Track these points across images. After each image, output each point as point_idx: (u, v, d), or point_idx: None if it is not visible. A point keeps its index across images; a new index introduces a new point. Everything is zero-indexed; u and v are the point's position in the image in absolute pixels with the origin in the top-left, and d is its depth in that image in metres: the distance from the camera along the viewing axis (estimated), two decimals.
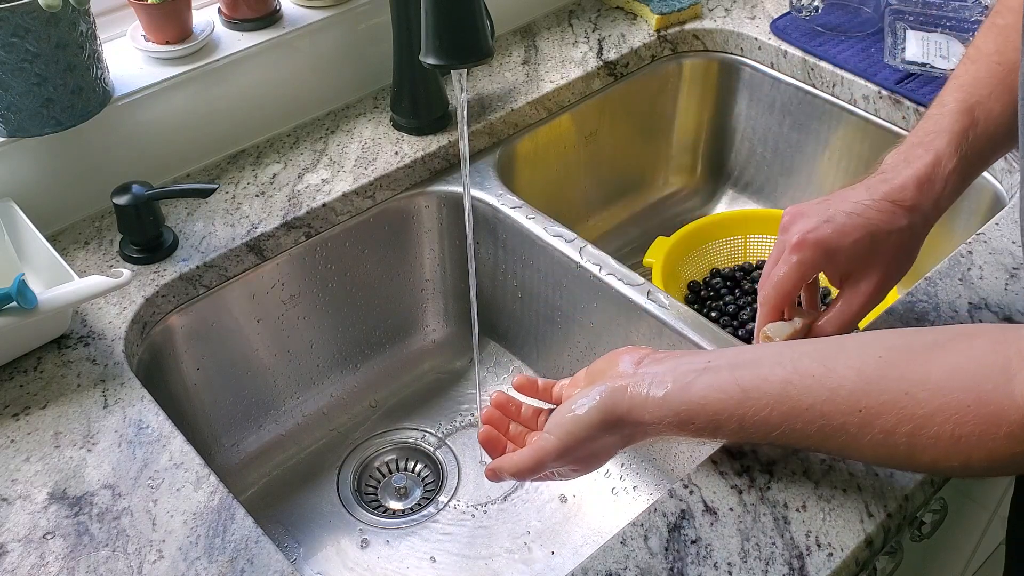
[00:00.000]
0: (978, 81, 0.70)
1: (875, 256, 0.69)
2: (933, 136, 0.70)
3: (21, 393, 0.79)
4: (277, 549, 0.68)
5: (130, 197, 0.88)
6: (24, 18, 0.81)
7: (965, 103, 0.70)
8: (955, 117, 0.70)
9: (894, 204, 0.69)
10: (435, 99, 1.06)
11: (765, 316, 0.72)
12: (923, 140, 0.70)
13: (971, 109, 0.69)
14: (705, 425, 0.62)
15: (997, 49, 0.70)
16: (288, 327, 1.02)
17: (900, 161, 0.70)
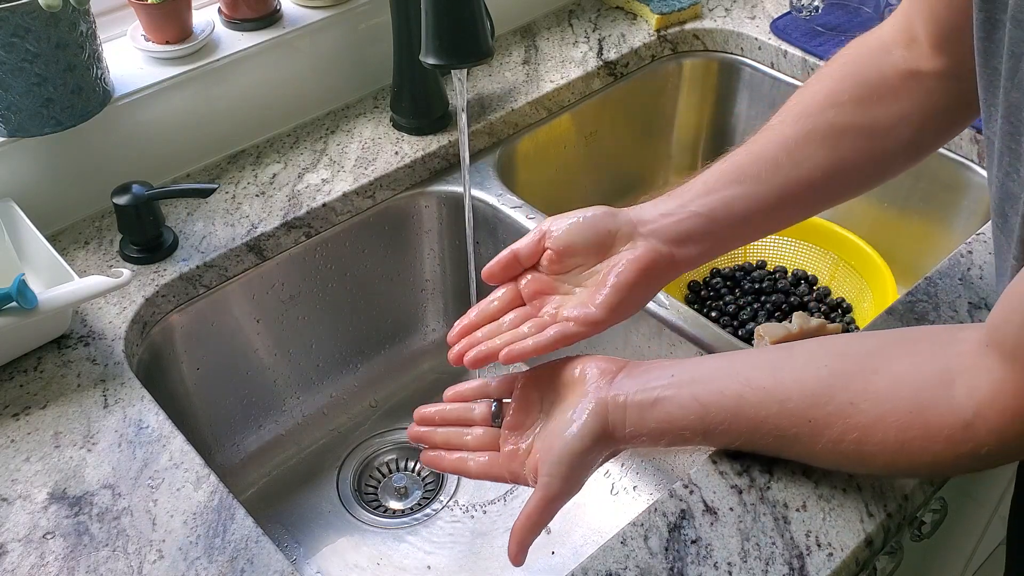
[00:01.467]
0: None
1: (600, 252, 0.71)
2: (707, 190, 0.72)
3: (21, 393, 0.79)
4: (277, 549, 0.68)
5: (130, 197, 0.88)
6: (24, 18, 0.81)
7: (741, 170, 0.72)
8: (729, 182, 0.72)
9: (609, 215, 0.71)
10: (435, 99, 1.06)
11: (491, 267, 0.72)
12: (699, 187, 0.72)
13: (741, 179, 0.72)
14: (674, 440, 0.64)
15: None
16: (288, 327, 1.02)
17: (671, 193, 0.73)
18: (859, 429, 0.58)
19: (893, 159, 0.74)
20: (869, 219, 1.19)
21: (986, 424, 0.54)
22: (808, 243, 1.15)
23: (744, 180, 0.72)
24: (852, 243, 1.11)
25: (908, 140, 0.73)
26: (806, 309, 1.12)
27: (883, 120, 0.71)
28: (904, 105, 0.71)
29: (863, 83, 0.72)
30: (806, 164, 0.71)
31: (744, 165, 0.72)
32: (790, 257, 1.17)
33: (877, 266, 1.07)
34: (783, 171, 0.71)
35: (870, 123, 0.71)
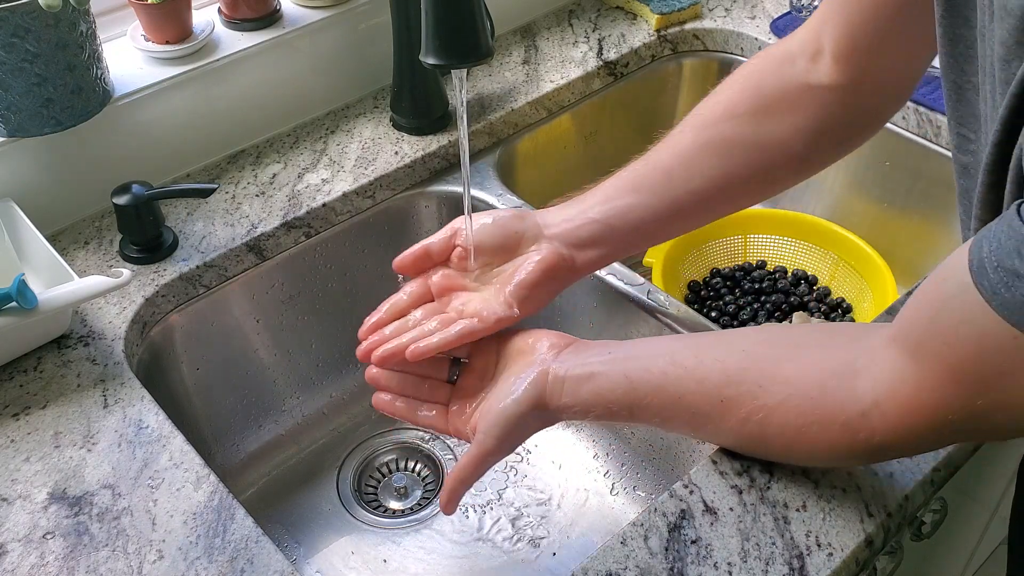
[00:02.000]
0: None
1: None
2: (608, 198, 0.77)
3: (21, 393, 0.79)
4: (277, 549, 0.68)
5: (130, 197, 0.88)
6: (24, 18, 0.81)
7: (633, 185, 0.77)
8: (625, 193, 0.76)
9: (516, 217, 0.76)
10: (435, 99, 1.06)
11: (402, 259, 0.76)
12: (602, 195, 0.77)
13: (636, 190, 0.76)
14: (603, 413, 0.67)
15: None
16: (288, 327, 1.02)
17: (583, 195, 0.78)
18: (764, 411, 0.61)
19: (783, 172, 0.77)
20: (869, 219, 1.19)
21: (882, 415, 0.56)
22: (808, 243, 1.15)
23: (639, 190, 0.76)
24: (852, 243, 1.11)
25: (799, 154, 0.75)
26: (806, 309, 1.12)
27: (776, 133, 0.74)
28: (798, 118, 0.73)
29: (761, 95, 0.74)
30: (697, 176, 0.75)
31: (641, 175, 0.76)
32: (790, 257, 1.17)
33: (877, 266, 1.07)
34: (675, 183, 0.75)
35: (763, 136, 0.74)
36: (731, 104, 0.75)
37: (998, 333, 0.47)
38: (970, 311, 0.48)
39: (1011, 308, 0.46)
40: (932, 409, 0.53)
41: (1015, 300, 0.45)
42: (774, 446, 0.64)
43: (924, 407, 0.54)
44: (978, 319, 0.48)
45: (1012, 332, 0.46)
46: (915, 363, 0.54)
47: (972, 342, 0.50)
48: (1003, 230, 0.46)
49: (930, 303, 0.53)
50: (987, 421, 0.52)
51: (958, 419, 0.53)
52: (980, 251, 0.48)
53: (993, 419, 0.52)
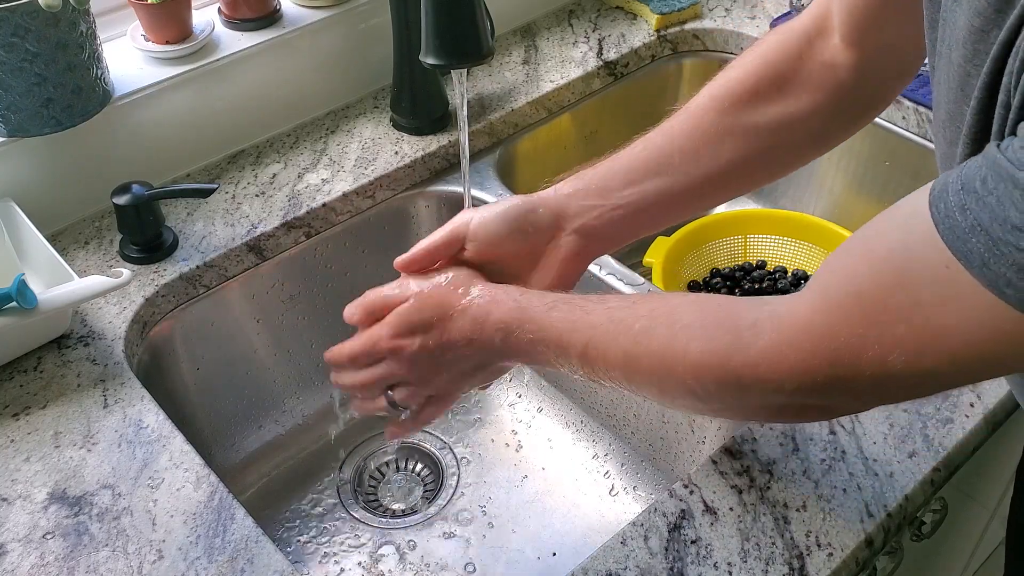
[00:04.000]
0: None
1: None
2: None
3: (21, 393, 0.79)
4: (277, 549, 0.68)
5: (130, 197, 0.88)
6: (24, 18, 0.81)
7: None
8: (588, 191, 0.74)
9: (526, 209, 0.73)
10: (435, 99, 1.06)
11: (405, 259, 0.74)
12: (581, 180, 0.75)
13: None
14: (516, 325, 0.64)
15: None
16: (288, 327, 1.02)
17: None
18: (666, 306, 0.59)
19: (803, 150, 0.77)
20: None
21: (773, 328, 0.53)
22: (808, 243, 1.15)
23: (664, 172, 0.73)
24: None
25: (817, 131, 0.75)
26: None
27: (796, 111, 0.73)
28: (817, 96, 0.73)
29: (780, 73, 0.73)
30: (724, 157, 0.73)
31: (666, 155, 0.74)
32: (790, 257, 1.17)
33: None
34: (702, 164, 0.73)
35: (785, 115, 0.73)
36: (755, 81, 0.73)
37: (929, 260, 0.45)
38: (909, 234, 0.46)
39: (957, 233, 0.43)
40: (823, 332, 0.50)
41: (965, 224, 0.43)
42: (654, 342, 0.59)
43: (816, 327, 0.51)
44: (914, 244, 0.46)
45: (945, 261, 0.44)
46: (824, 286, 0.52)
47: (897, 268, 0.47)
48: (977, 159, 0.44)
49: (868, 231, 0.51)
50: (871, 370, 0.49)
51: (843, 353, 0.49)
52: (947, 177, 0.45)
53: (880, 364, 0.48)
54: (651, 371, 0.60)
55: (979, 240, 0.42)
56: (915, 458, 0.72)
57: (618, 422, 1.01)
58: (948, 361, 0.46)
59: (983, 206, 0.42)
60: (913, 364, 0.48)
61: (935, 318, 0.46)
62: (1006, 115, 0.44)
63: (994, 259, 0.42)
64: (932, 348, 0.46)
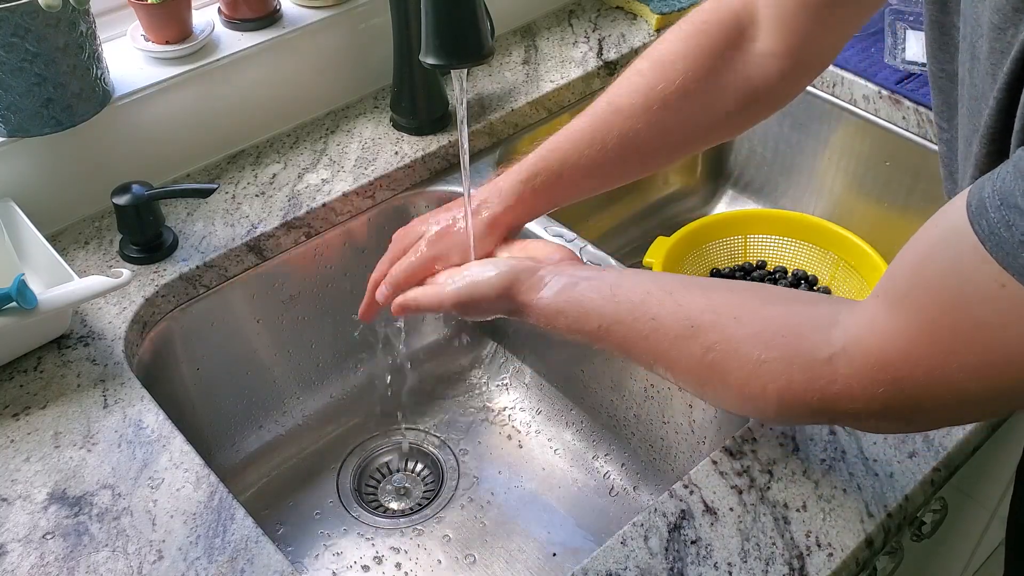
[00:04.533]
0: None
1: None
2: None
3: (21, 393, 0.79)
4: (277, 549, 0.68)
5: (130, 197, 0.88)
6: (24, 18, 0.81)
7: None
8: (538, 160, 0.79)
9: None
10: (435, 99, 1.06)
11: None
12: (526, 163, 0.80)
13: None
14: (574, 320, 0.68)
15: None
16: (288, 327, 1.02)
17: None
18: (733, 341, 0.59)
19: (715, 130, 0.79)
20: (869, 219, 1.19)
21: (848, 362, 0.53)
22: (808, 243, 1.15)
23: (593, 172, 0.78)
24: (852, 243, 1.11)
25: (735, 111, 0.77)
26: None
27: (723, 109, 0.76)
28: (739, 81, 0.75)
29: (711, 73, 0.75)
30: (647, 150, 0.77)
31: (600, 154, 0.77)
32: (790, 257, 1.17)
33: (877, 266, 1.07)
34: (628, 161, 0.78)
35: (709, 101, 0.75)
36: (685, 81, 0.75)
37: (984, 279, 0.44)
38: (958, 256, 0.46)
39: (1006, 249, 0.43)
40: (899, 361, 0.50)
41: (1013, 240, 0.42)
42: (730, 380, 0.60)
43: (891, 359, 0.51)
44: (965, 264, 0.45)
45: (999, 279, 0.43)
46: (892, 313, 0.51)
47: (954, 290, 0.47)
48: (1009, 171, 0.43)
49: (917, 252, 0.51)
50: (949, 394, 0.49)
51: (921, 381, 0.50)
52: (981, 191, 0.45)
53: (956, 388, 0.49)
54: (730, 399, 0.62)
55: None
56: (915, 458, 0.72)
57: (618, 422, 1.01)
58: (1021, 378, 0.46)
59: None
60: (988, 385, 0.48)
61: (1001, 337, 0.46)
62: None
63: None
64: (1003, 367, 0.46)
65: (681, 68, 0.75)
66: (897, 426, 0.58)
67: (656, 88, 0.75)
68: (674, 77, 0.74)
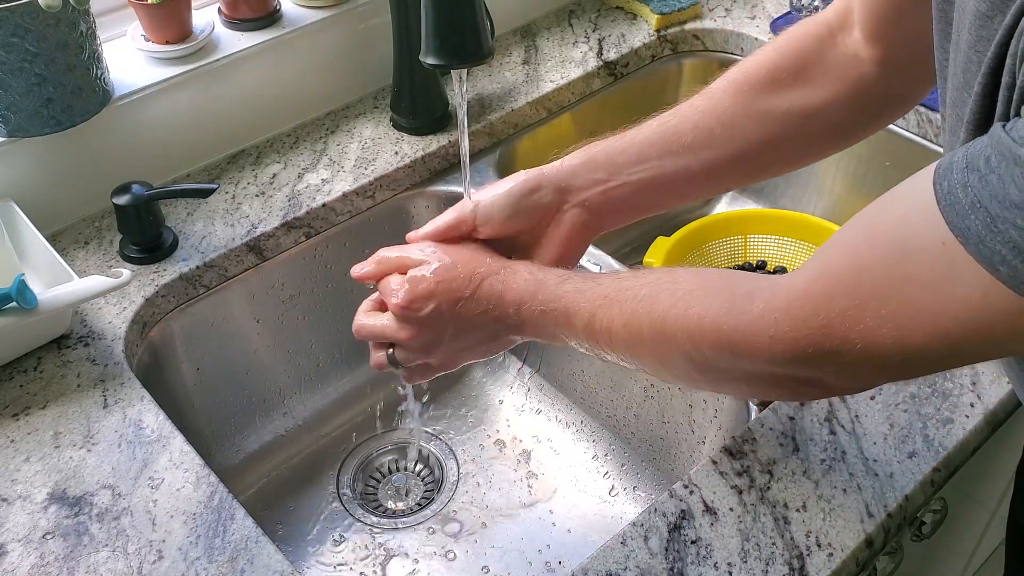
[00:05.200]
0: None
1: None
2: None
3: (21, 393, 0.79)
4: (277, 549, 0.68)
5: (130, 197, 0.88)
6: (24, 18, 0.81)
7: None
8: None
9: (528, 189, 0.73)
10: (435, 99, 1.06)
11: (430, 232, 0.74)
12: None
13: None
14: (559, 315, 0.65)
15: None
16: (288, 327, 1.02)
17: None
18: (670, 274, 0.60)
19: (821, 141, 0.76)
20: None
21: (767, 296, 0.54)
22: (808, 243, 1.15)
23: (677, 151, 0.72)
24: None
25: (838, 123, 0.74)
26: None
27: (817, 101, 0.73)
28: (839, 87, 0.72)
29: (804, 61, 0.73)
30: (739, 140, 0.72)
31: (680, 134, 0.73)
32: (790, 257, 1.17)
33: None
34: (716, 146, 0.72)
35: (805, 103, 0.73)
36: (775, 67, 0.73)
37: (928, 235, 0.44)
38: (912, 209, 0.46)
39: (957, 210, 0.43)
40: (816, 300, 0.51)
41: (965, 201, 0.43)
42: (657, 308, 0.60)
43: (809, 296, 0.51)
44: (914, 219, 0.46)
45: (943, 237, 0.44)
46: (823, 257, 0.52)
47: (895, 241, 0.47)
48: (984, 139, 0.44)
49: (872, 207, 0.51)
50: (862, 342, 0.49)
51: (835, 323, 0.49)
52: (953, 156, 0.45)
53: (868, 337, 0.48)
54: (651, 338, 0.60)
55: (978, 217, 0.42)
56: (915, 458, 0.72)
57: (618, 422, 1.01)
58: (939, 339, 0.46)
59: (985, 184, 0.42)
60: (904, 340, 0.47)
61: (928, 294, 0.46)
62: (1010, 96, 0.44)
63: (991, 236, 0.42)
64: (924, 325, 0.46)
65: (773, 57, 0.73)
66: (807, 383, 0.56)
67: (742, 75, 0.73)
68: (764, 64, 0.73)
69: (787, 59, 0.73)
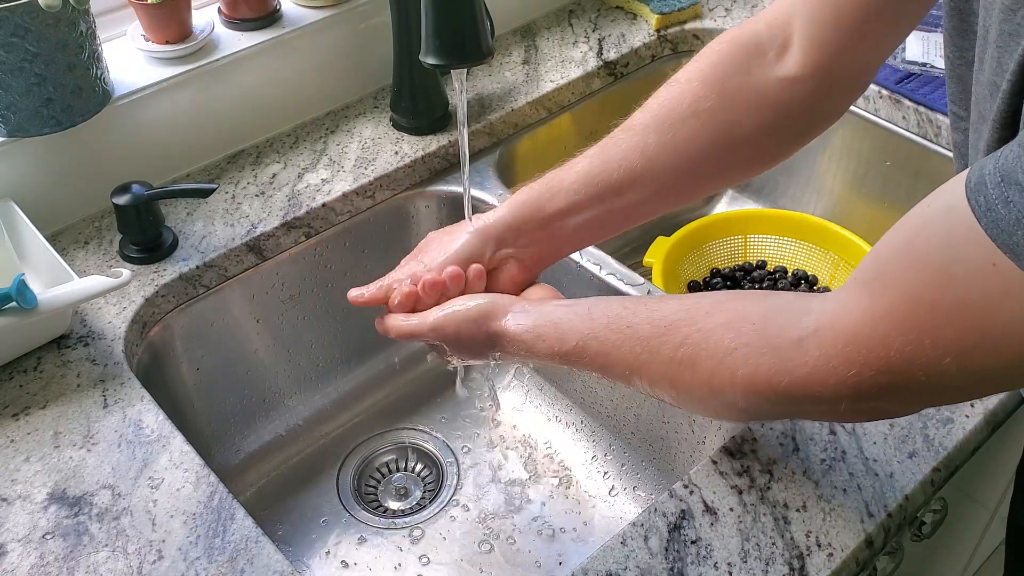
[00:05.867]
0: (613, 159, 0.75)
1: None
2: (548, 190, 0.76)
3: (21, 393, 0.79)
4: (277, 549, 0.68)
5: (130, 197, 0.88)
6: (24, 18, 0.81)
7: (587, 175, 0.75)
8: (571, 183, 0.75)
9: (484, 238, 0.76)
10: (435, 99, 1.06)
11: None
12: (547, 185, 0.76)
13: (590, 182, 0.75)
14: (551, 345, 0.67)
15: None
16: (288, 327, 1.02)
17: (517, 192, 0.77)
18: (703, 333, 0.58)
19: (746, 166, 0.76)
20: (869, 219, 1.19)
21: (819, 343, 0.52)
22: (808, 243, 1.15)
23: (602, 198, 0.74)
24: (852, 243, 1.11)
25: (763, 146, 0.74)
26: None
27: (741, 129, 0.72)
28: (765, 113, 0.71)
29: (727, 91, 0.72)
30: (662, 174, 0.73)
31: (604, 181, 0.74)
32: (790, 257, 1.17)
33: None
34: (641, 183, 0.73)
35: (729, 133, 0.72)
36: (697, 99, 0.72)
37: (975, 257, 0.43)
38: (950, 231, 0.44)
39: (1002, 227, 0.41)
40: (872, 340, 0.49)
41: (1010, 217, 0.41)
42: (700, 372, 0.58)
43: (864, 337, 0.49)
44: (957, 240, 0.44)
45: (992, 257, 0.42)
46: (869, 292, 0.50)
47: (941, 268, 0.45)
48: (1013, 149, 0.42)
49: (906, 228, 0.49)
50: (924, 375, 0.48)
51: (894, 361, 0.48)
52: (983, 169, 0.43)
53: (930, 369, 0.47)
54: (699, 397, 0.60)
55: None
56: (915, 458, 0.72)
57: (618, 422, 1.01)
58: (1002, 361, 0.45)
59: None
60: (966, 366, 0.46)
61: (985, 318, 0.44)
62: None
63: None
64: (983, 349, 0.45)
65: (696, 87, 0.72)
66: (870, 412, 0.56)
67: (668, 107, 0.73)
68: (687, 94, 0.72)
69: (711, 89, 0.72)
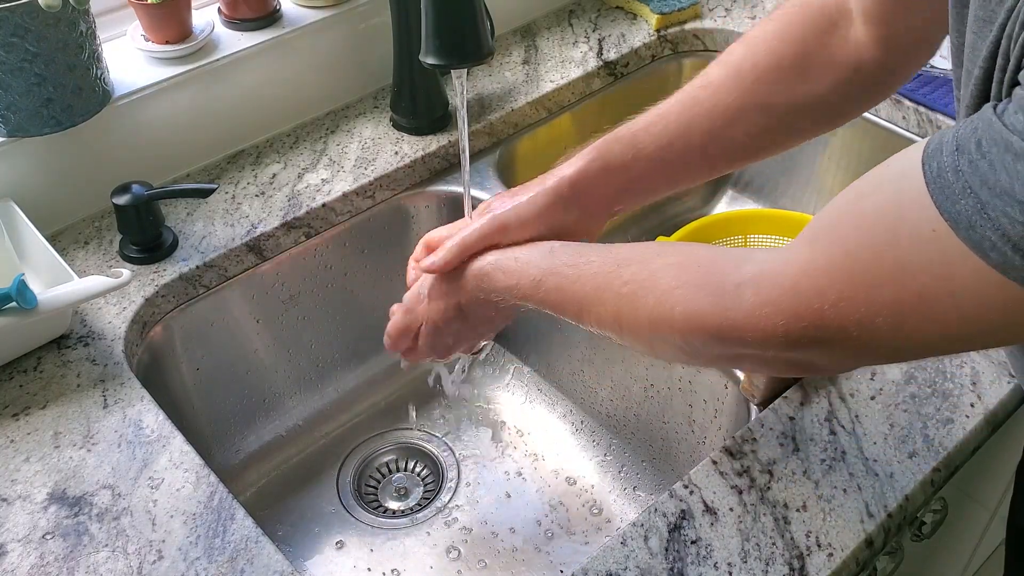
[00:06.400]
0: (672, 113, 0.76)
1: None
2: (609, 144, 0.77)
3: (21, 393, 0.79)
4: (277, 549, 0.68)
5: (130, 197, 0.88)
6: (24, 18, 0.81)
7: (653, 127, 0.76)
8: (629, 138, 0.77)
9: (557, 197, 0.74)
10: (435, 99, 1.06)
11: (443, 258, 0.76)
12: (599, 145, 0.77)
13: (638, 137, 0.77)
14: (514, 273, 0.69)
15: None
16: (288, 327, 1.02)
17: (567, 160, 0.77)
18: (648, 272, 0.60)
19: (818, 125, 0.77)
20: None
21: (755, 290, 0.53)
22: None
23: (682, 152, 0.74)
24: None
25: (834, 107, 0.75)
26: None
27: (817, 90, 0.73)
28: (838, 77, 0.72)
29: (805, 55, 0.73)
30: (741, 131, 0.74)
31: (683, 134, 0.74)
32: None
33: None
34: (719, 139, 0.74)
35: (806, 93, 0.73)
36: (778, 58, 0.73)
37: (918, 220, 0.44)
38: (899, 192, 0.45)
39: (947, 194, 0.42)
40: (809, 294, 0.50)
41: (956, 185, 0.42)
42: (642, 307, 0.60)
43: (800, 288, 0.50)
44: (904, 203, 0.45)
45: (933, 223, 0.43)
46: (812, 246, 0.51)
47: (887, 228, 0.46)
48: (974, 121, 0.43)
49: (858, 189, 0.50)
50: (857, 331, 0.48)
51: (828, 315, 0.49)
52: (943, 137, 0.44)
53: (863, 325, 0.48)
54: (641, 333, 0.62)
55: (968, 203, 0.42)
56: (915, 458, 0.72)
57: (618, 422, 1.01)
58: (936, 325, 0.46)
59: (975, 169, 0.41)
60: (899, 327, 0.47)
61: (922, 281, 0.45)
62: (1003, 79, 0.44)
63: (981, 221, 0.41)
64: (918, 312, 0.46)
65: (774, 46, 0.73)
66: (799, 364, 0.56)
67: (746, 63, 0.73)
68: (765, 52, 0.73)
69: (790, 49, 0.73)
